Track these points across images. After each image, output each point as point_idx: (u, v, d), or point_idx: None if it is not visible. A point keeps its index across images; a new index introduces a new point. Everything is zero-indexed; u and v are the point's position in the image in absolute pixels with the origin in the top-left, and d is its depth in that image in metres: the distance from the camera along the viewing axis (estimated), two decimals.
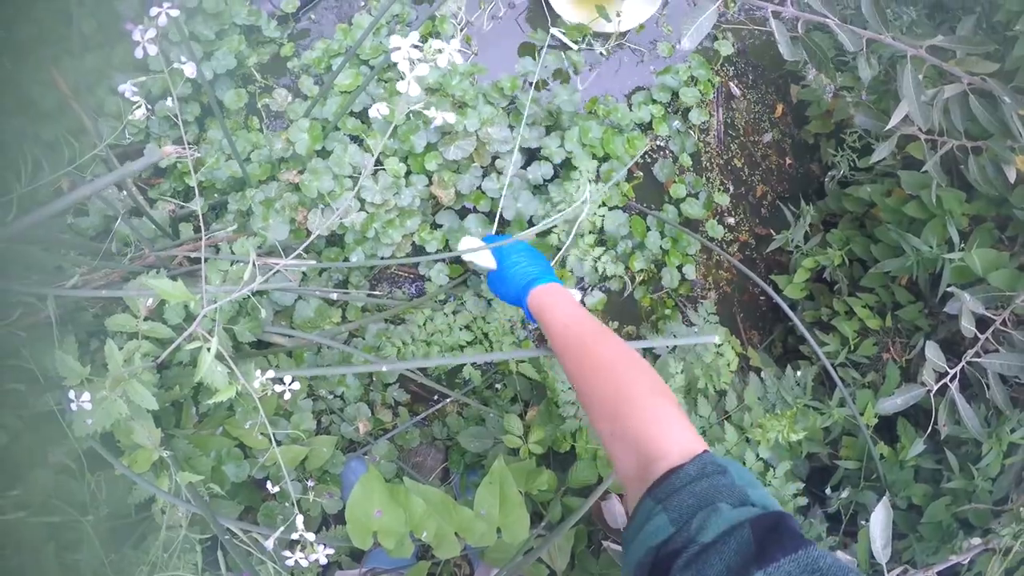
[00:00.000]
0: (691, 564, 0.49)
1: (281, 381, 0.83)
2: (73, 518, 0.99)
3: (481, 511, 0.95)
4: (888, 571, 0.98)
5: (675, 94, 1.61)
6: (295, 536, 0.79)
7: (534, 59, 1.44)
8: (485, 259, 1.03)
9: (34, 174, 1.45)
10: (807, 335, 1.34)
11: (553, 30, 1.53)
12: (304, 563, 0.79)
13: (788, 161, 1.84)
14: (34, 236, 1.12)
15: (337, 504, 1.18)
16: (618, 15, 1.52)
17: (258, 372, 0.80)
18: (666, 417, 0.65)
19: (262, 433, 1.10)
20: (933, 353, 1.21)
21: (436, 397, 1.45)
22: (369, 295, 1.30)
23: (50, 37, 1.62)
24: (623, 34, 1.63)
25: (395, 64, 1.41)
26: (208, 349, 0.79)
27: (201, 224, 0.75)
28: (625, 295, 1.57)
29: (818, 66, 1.47)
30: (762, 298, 1.76)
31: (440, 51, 0.72)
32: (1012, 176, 1.17)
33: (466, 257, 1.02)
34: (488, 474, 0.97)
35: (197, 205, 1.48)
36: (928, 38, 1.10)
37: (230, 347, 1.03)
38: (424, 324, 1.31)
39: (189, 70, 0.77)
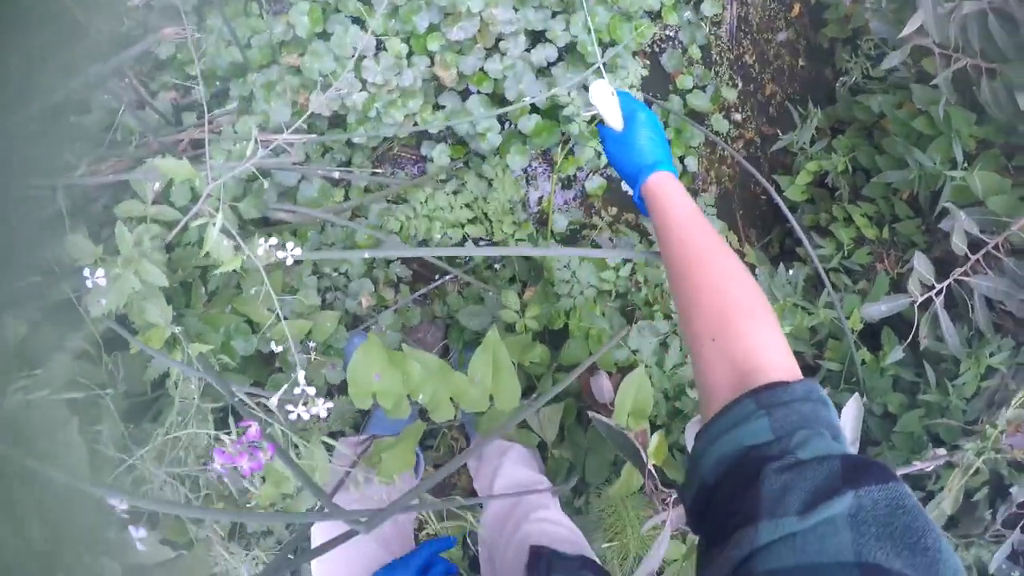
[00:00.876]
0: (785, 471, 0.50)
1: (283, 247, 0.85)
2: (94, 395, 1.04)
3: (476, 379, 1.00)
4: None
5: None
6: (297, 391, 0.84)
7: None
8: (612, 113, 0.93)
9: (29, 74, 1.44)
10: (803, 237, 1.34)
11: None
12: (305, 416, 0.83)
13: (800, 62, 1.80)
14: (39, 132, 1.14)
15: (340, 375, 1.23)
16: None
17: (262, 240, 0.83)
18: (772, 338, 0.65)
19: (268, 308, 1.14)
20: (922, 265, 1.23)
21: (437, 276, 1.48)
22: (372, 174, 1.31)
23: None
24: None
25: None
26: (214, 224, 0.82)
27: (205, 107, 0.76)
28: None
29: None
30: (763, 197, 1.77)
31: None
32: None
33: (593, 99, 0.93)
34: (482, 344, 1.01)
35: (200, 92, 1.49)
36: None
37: (235, 224, 1.06)
38: (426, 201, 1.33)
39: None
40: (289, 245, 0.85)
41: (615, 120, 0.94)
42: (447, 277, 1.44)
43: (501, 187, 1.35)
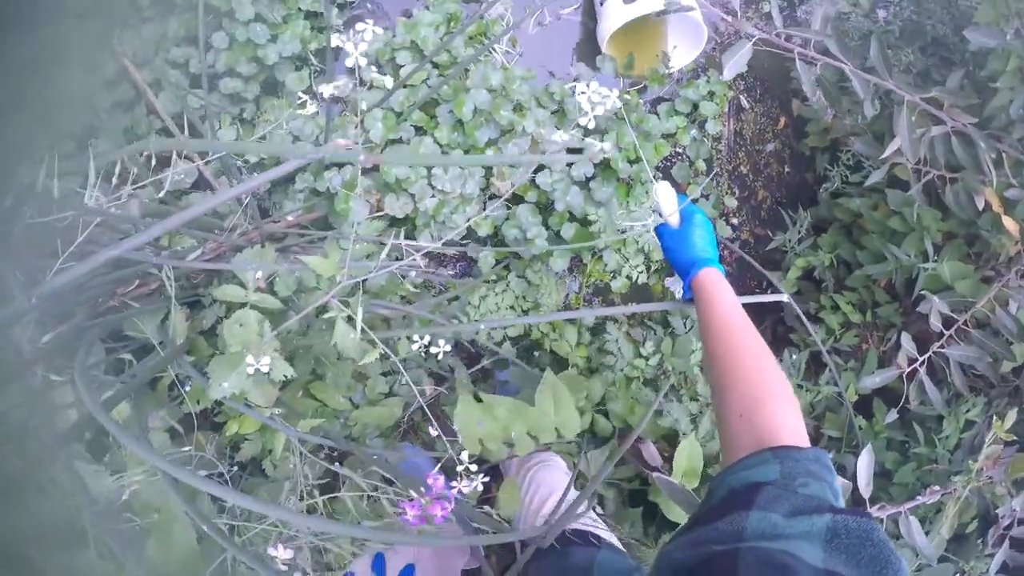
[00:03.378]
0: (782, 490, 0.61)
1: (436, 343, 0.97)
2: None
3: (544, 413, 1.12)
4: (870, 506, 1.20)
5: (695, 106, 1.78)
6: (460, 468, 0.91)
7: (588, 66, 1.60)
8: (672, 210, 1.05)
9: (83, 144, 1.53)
10: (805, 321, 1.54)
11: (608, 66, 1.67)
12: (466, 489, 0.88)
13: (787, 169, 2.04)
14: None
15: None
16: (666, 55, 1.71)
17: (416, 336, 0.94)
18: (792, 420, 0.74)
19: (343, 396, 1.25)
20: (907, 342, 1.44)
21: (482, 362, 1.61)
22: (434, 273, 1.44)
23: (106, 8, 1.69)
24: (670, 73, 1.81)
25: (455, 61, 1.54)
26: (346, 319, 0.93)
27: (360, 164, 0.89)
28: (640, 282, 1.75)
29: (831, 103, 1.68)
30: (757, 290, 1.97)
31: (607, 97, 0.88)
32: (981, 204, 1.42)
33: (658, 196, 1.05)
34: (543, 382, 1.14)
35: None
36: (923, 86, 1.31)
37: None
38: (479, 304, 1.47)
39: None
40: (441, 342, 0.96)
41: (674, 217, 1.06)
42: (492, 359, 1.57)
43: (547, 289, 1.51)
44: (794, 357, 1.64)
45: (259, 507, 0.71)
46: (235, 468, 1.23)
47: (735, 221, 1.93)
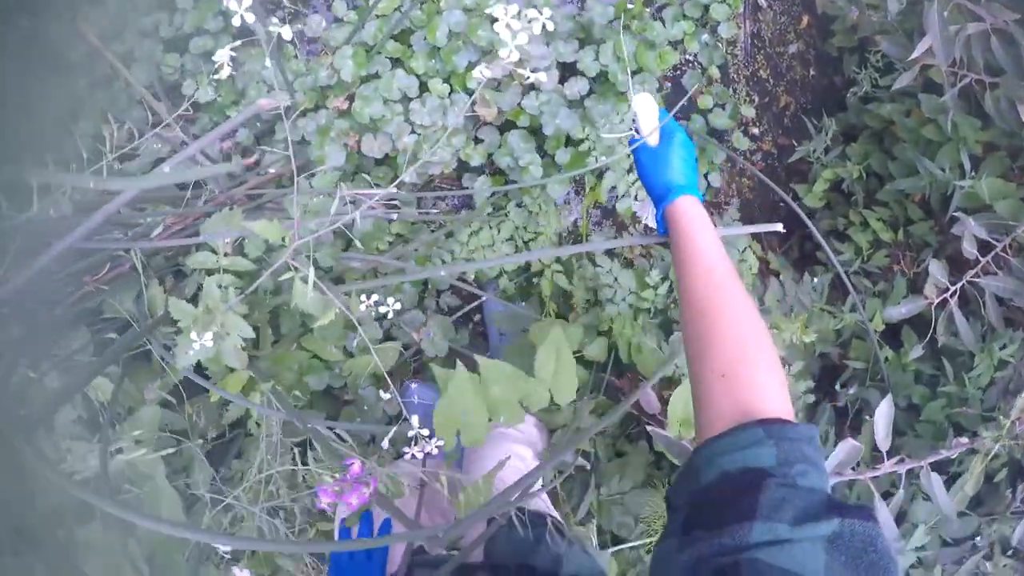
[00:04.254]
0: (784, 487, 0.56)
1: (385, 303, 0.92)
2: (181, 443, 1.10)
3: (542, 376, 1.04)
4: (887, 459, 1.11)
5: (706, 8, 1.63)
6: (411, 433, 0.88)
7: None
8: (651, 126, 0.93)
9: (66, 128, 1.49)
10: (823, 244, 1.42)
11: None
12: (419, 455, 0.88)
13: (812, 72, 1.87)
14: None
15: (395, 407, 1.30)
16: None
17: (363, 297, 0.89)
18: (776, 383, 0.68)
19: (335, 346, 1.21)
20: (937, 270, 1.31)
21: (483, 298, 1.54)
22: (420, 213, 1.38)
23: None
24: None
25: None
26: (303, 279, 0.88)
27: (291, 152, 0.82)
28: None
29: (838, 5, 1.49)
30: (782, 204, 1.84)
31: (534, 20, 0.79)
32: None
33: (636, 109, 0.94)
34: (548, 340, 1.05)
35: (242, 134, 1.54)
36: None
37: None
38: (469, 239, 1.40)
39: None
40: (390, 300, 0.91)
41: (653, 136, 0.94)
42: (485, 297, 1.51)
43: (546, 219, 1.42)
44: (815, 280, 1.52)
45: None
46: (227, 429, 1.22)
47: (755, 131, 1.78)
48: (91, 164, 1.25)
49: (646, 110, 0.95)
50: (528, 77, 0.85)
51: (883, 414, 1.14)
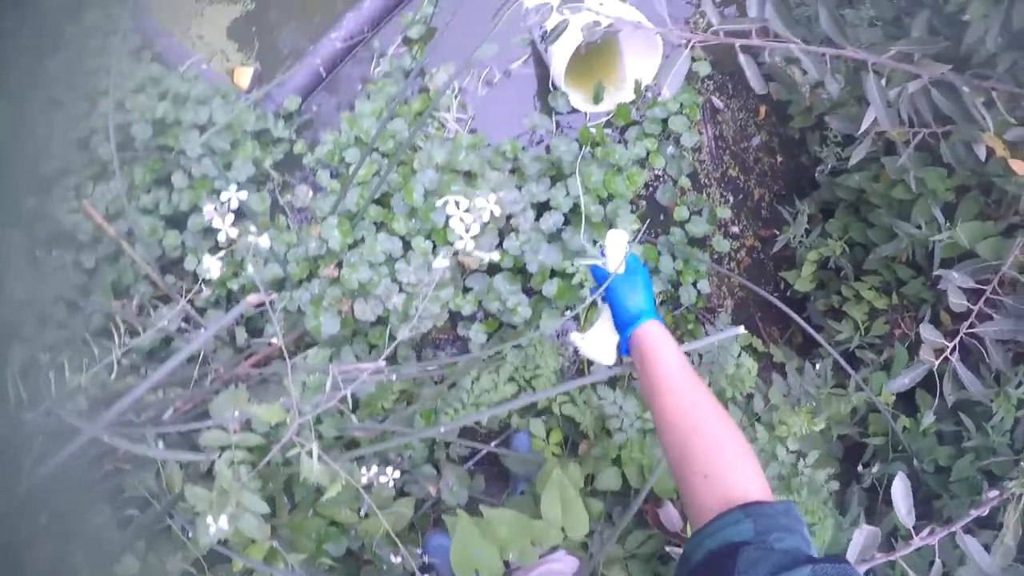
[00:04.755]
0: (759, 550, 0.62)
1: (384, 472, 0.94)
2: None
3: (549, 517, 1.07)
4: (916, 533, 1.09)
5: (665, 123, 1.71)
6: None
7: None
8: (618, 260, 0.99)
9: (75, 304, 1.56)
10: (813, 333, 1.44)
11: (581, 105, 1.63)
12: None
13: (779, 159, 1.94)
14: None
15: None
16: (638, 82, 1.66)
17: (363, 469, 0.92)
18: (753, 473, 0.75)
19: (350, 508, 1.22)
20: (929, 333, 1.31)
21: (492, 443, 1.56)
22: (420, 367, 1.41)
23: (73, 166, 1.74)
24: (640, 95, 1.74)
25: (400, 146, 1.52)
26: (308, 453, 0.91)
27: (280, 338, 0.86)
28: None
29: (788, 90, 1.57)
30: (774, 294, 1.87)
31: (483, 208, 0.85)
32: (983, 153, 1.26)
33: (609, 244, 1.00)
34: (549, 483, 1.08)
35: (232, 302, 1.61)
36: (896, 37, 1.19)
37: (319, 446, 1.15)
38: (472, 386, 1.42)
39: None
40: (389, 469, 0.94)
41: (620, 267, 1.00)
42: (494, 444, 1.53)
43: (542, 358, 1.45)
44: (817, 366, 1.53)
45: None
46: None
47: (735, 229, 1.83)
48: (99, 339, 1.31)
49: (616, 245, 1.01)
50: (484, 260, 0.91)
51: (900, 493, 1.11)
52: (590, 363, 1.59)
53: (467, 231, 0.85)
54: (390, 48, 1.75)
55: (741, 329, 1.03)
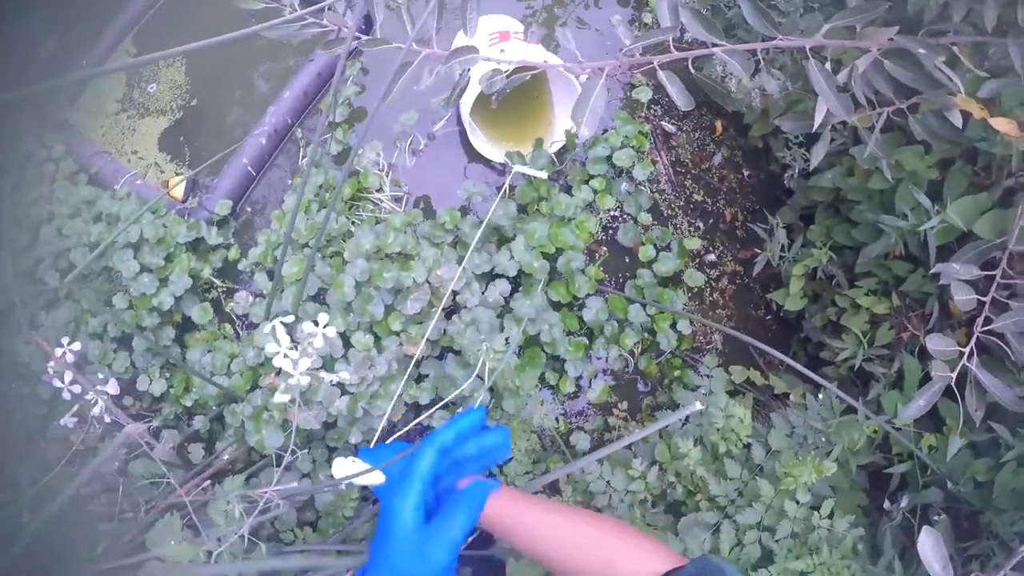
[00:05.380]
0: None
1: None
2: None
3: None
4: None
5: (610, 160, 1.61)
6: None
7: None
8: (372, 477, 0.93)
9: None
10: (805, 371, 1.30)
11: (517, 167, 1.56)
12: None
13: (746, 173, 1.82)
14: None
15: None
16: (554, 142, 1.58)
17: None
18: (651, 553, 0.78)
19: None
20: (938, 343, 1.16)
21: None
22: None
23: (24, 297, 1.70)
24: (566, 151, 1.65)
25: (332, 238, 1.44)
26: None
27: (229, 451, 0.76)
28: (629, 371, 1.55)
29: (721, 100, 1.45)
30: (767, 318, 1.73)
31: (313, 335, 0.76)
32: (958, 119, 1.11)
33: (338, 475, 0.95)
34: None
35: (197, 422, 1.52)
36: (820, 24, 1.07)
37: None
38: None
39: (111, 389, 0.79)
40: None
41: (375, 478, 0.94)
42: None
43: (514, 437, 1.33)
44: (819, 397, 1.38)
45: None
46: None
47: (712, 257, 1.70)
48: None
49: (347, 471, 0.95)
50: (333, 379, 0.83)
51: (930, 548, 0.96)
52: (567, 442, 1.45)
53: (294, 367, 0.74)
54: (315, 137, 1.68)
55: (696, 405, 0.91)
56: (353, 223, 1.49)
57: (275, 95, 1.72)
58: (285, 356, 0.79)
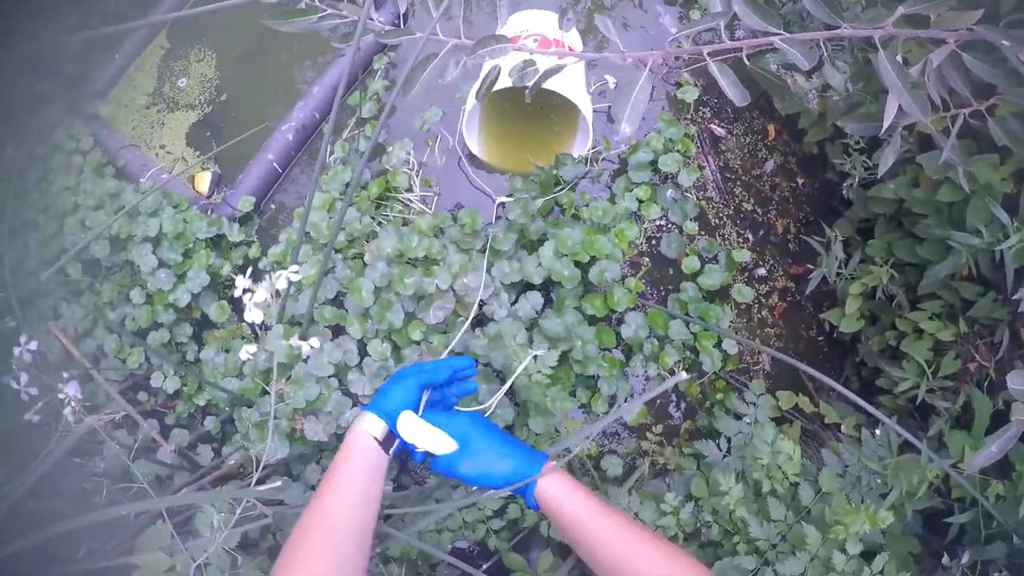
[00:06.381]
0: None
1: None
2: None
3: None
4: None
5: (655, 164, 1.50)
6: None
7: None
8: (436, 438, 0.87)
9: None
10: (860, 401, 1.15)
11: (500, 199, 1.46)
12: None
13: (800, 181, 1.69)
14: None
15: None
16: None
17: None
18: None
19: None
20: (1019, 383, 1.02)
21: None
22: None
23: (47, 288, 1.67)
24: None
25: (354, 239, 1.36)
26: None
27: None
28: (669, 394, 1.43)
29: (778, 96, 1.33)
30: (820, 339, 1.60)
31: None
32: None
33: (408, 438, 0.88)
34: None
35: (209, 422, 1.46)
36: (891, 11, 0.95)
37: None
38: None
39: None
40: None
41: (443, 444, 0.87)
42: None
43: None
44: (876, 433, 1.25)
45: None
46: None
47: (762, 271, 1.58)
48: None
49: (414, 430, 0.88)
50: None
51: None
52: (597, 466, 1.35)
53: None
54: (344, 132, 1.61)
55: (683, 375, 0.85)
56: (379, 223, 1.41)
57: (305, 90, 1.65)
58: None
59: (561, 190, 1.43)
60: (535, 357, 1.14)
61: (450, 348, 1.16)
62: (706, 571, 0.76)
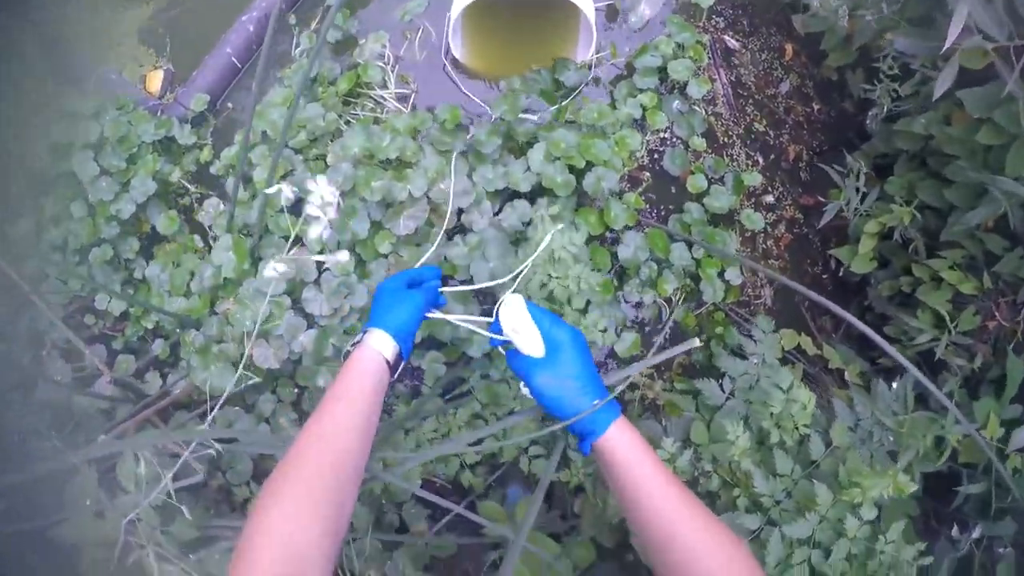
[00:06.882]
0: None
1: None
2: None
3: None
4: None
5: (663, 72, 1.33)
6: None
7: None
8: (530, 336, 0.77)
9: None
10: (887, 347, 1.02)
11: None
12: None
13: (816, 107, 1.54)
14: None
15: None
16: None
17: None
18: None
19: None
20: None
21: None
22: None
23: None
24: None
25: (317, 138, 1.20)
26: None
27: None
28: (663, 324, 1.30)
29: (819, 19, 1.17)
30: (825, 276, 1.47)
31: None
32: None
33: (506, 325, 0.77)
34: None
35: (157, 346, 1.31)
36: None
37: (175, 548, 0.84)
38: (416, 432, 1.07)
39: None
40: None
41: (534, 344, 0.76)
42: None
43: (513, 383, 1.10)
44: (894, 386, 1.12)
45: None
46: None
47: (770, 198, 1.43)
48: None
49: (517, 319, 0.77)
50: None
51: None
52: None
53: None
54: (312, 23, 1.42)
55: (696, 342, 0.78)
56: (347, 122, 1.24)
57: None
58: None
59: (565, 100, 1.27)
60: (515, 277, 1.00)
61: (421, 262, 1.01)
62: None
